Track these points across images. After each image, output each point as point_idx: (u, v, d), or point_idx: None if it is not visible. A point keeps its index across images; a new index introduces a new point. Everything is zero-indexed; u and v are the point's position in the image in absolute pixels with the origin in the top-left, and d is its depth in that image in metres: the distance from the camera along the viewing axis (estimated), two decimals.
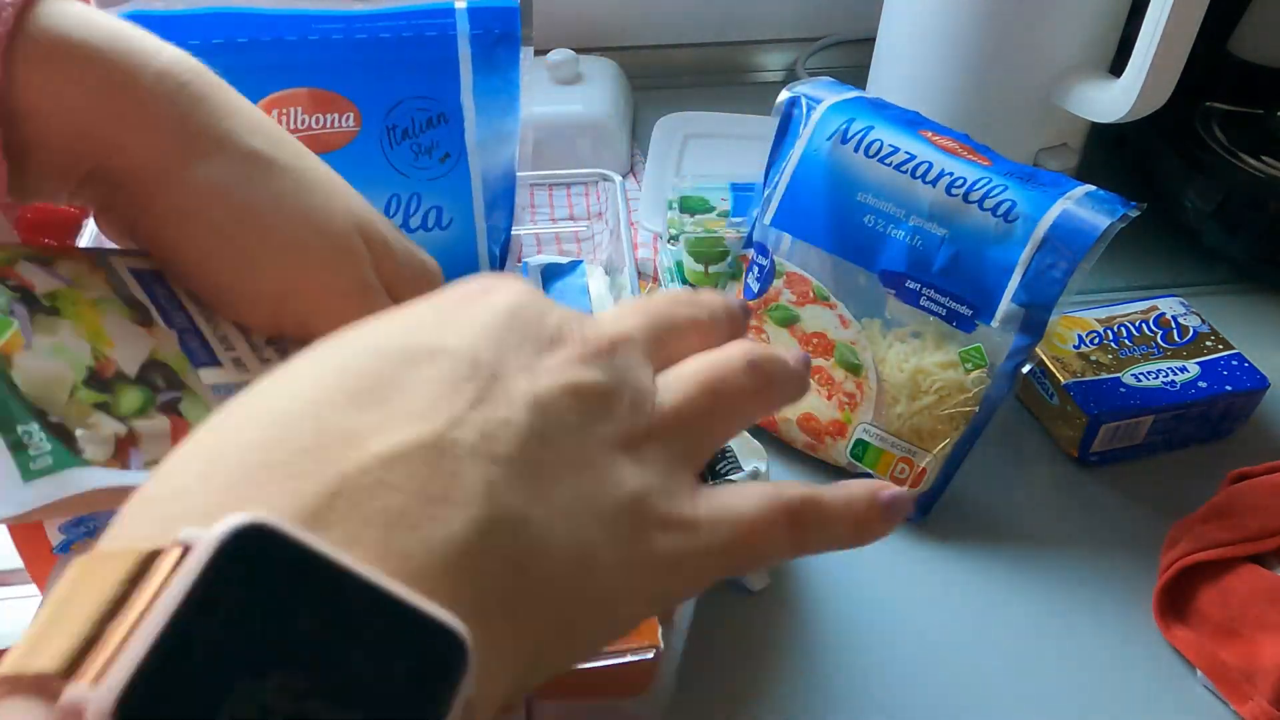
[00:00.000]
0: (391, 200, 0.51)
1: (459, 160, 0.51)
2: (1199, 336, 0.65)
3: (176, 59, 0.35)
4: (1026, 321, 0.54)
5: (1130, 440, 0.62)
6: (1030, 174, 0.56)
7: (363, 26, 0.49)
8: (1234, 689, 0.51)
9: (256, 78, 0.48)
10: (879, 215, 0.57)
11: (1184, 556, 0.53)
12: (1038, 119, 0.74)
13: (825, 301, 0.59)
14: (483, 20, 0.50)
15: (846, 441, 0.59)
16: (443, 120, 0.50)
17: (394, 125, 0.50)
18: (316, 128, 0.49)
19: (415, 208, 0.52)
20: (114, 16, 0.34)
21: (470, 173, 0.52)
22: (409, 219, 0.52)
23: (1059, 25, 0.70)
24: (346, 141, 0.49)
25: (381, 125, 0.50)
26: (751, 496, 0.25)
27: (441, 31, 0.49)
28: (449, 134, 0.51)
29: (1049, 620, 0.55)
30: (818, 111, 0.60)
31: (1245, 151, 0.75)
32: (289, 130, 0.48)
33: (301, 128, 0.49)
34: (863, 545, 0.27)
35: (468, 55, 0.50)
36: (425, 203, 0.52)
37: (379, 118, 0.49)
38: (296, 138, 0.49)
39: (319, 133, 0.49)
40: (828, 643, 0.53)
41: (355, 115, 0.49)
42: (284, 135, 0.37)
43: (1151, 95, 0.65)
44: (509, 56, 0.51)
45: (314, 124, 0.49)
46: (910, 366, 0.57)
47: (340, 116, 0.49)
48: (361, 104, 0.49)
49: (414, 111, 0.50)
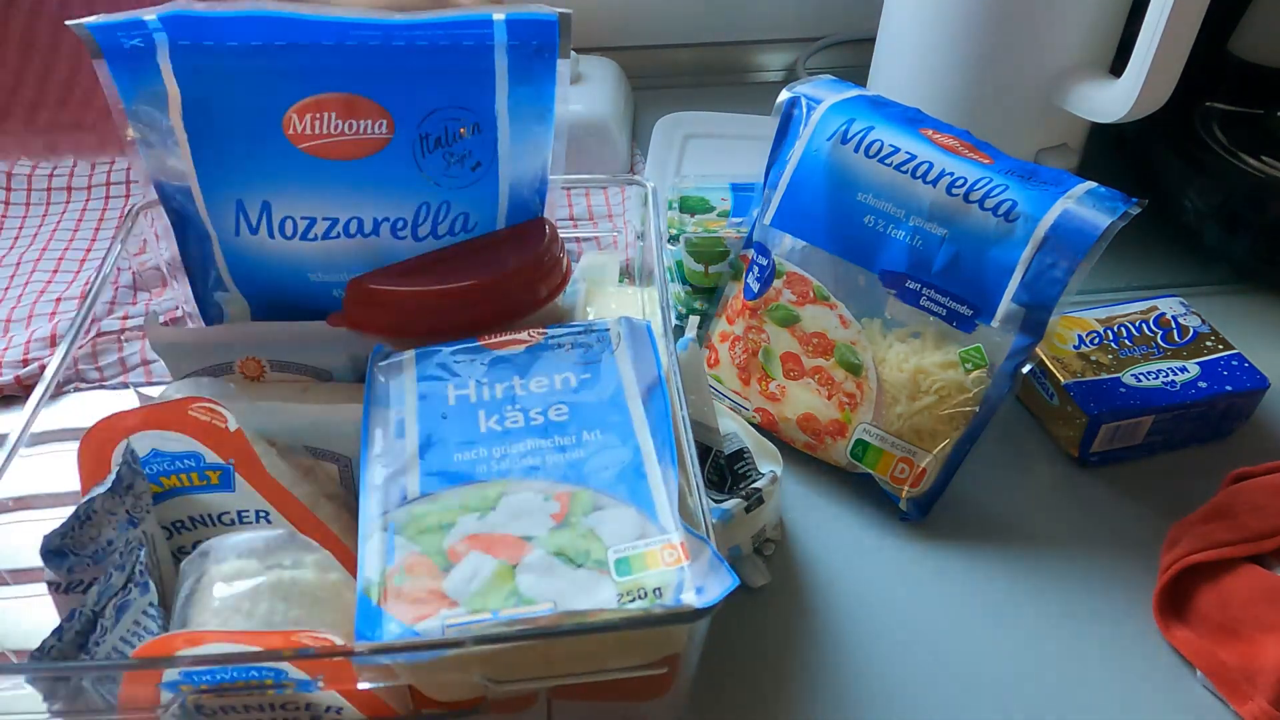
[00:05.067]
0: (421, 208, 0.51)
1: (489, 168, 0.51)
2: (1199, 336, 0.65)
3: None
4: (1026, 321, 0.54)
5: (1130, 440, 0.62)
6: (1031, 171, 0.56)
7: (400, 34, 0.48)
8: (1234, 689, 0.51)
9: (292, 81, 0.48)
10: (879, 215, 0.57)
11: (1184, 557, 0.53)
12: (1038, 119, 0.74)
13: (825, 301, 0.59)
14: (520, 32, 0.49)
15: (846, 441, 0.59)
16: (476, 130, 0.50)
17: (427, 134, 0.49)
18: (349, 134, 0.49)
19: (444, 215, 0.51)
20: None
21: (499, 179, 0.52)
22: (437, 226, 0.52)
23: (1059, 25, 0.70)
24: (379, 149, 0.49)
25: (415, 133, 0.49)
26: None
27: (479, 41, 0.49)
28: (481, 143, 0.50)
29: (1049, 620, 0.55)
30: (818, 112, 0.60)
31: (1245, 151, 0.75)
32: (321, 135, 0.48)
33: (334, 133, 0.49)
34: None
35: (504, 66, 0.49)
36: (454, 210, 0.52)
37: (412, 126, 0.49)
38: (329, 143, 0.49)
39: (351, 139, 0.49)
40: (827, 641, 0.53)
41: (389, 122, 0.49)
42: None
43: (1151, 95, 0.65)
44: (545, 69, 0.50)
45: (346, 130, 0.49)
46: (910, 366, 0.57)
47: (373, 123, 0.49)
48: (395, 111, 0.49)
49: (448, 120, 0.49)
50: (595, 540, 0.40)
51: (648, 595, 0.38)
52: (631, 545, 0.39)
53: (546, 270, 0.52)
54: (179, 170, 0.50)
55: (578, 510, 0.41)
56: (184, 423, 0.44)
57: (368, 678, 0.39)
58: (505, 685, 0.40)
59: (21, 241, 0.78)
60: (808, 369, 0.60)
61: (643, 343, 0.48)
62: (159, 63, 0.47)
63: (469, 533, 0.40)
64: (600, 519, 0.40)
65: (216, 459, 0.44)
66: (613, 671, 0.40)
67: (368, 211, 0.51)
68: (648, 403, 0.45)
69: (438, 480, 0.42)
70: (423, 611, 0.37)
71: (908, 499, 0.58)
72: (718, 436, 0.56)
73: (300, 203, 0.50)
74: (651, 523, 0.40)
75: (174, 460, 0.45)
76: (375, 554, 0.39)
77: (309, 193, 0.50)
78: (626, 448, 0.43)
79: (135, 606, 0.41)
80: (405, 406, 0.45)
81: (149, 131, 0.49)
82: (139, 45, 0.47)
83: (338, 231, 0.51)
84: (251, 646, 0.37)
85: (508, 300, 0.52)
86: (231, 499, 0.45)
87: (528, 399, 0.45)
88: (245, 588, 0.40)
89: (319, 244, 0.51)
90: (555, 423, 0.44)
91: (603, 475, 0.42)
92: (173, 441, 0.44)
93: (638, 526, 0.40)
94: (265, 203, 0.50)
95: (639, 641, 0.40)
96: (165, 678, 0.37)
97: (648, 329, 0.48)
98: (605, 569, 0.39)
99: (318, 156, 0.49)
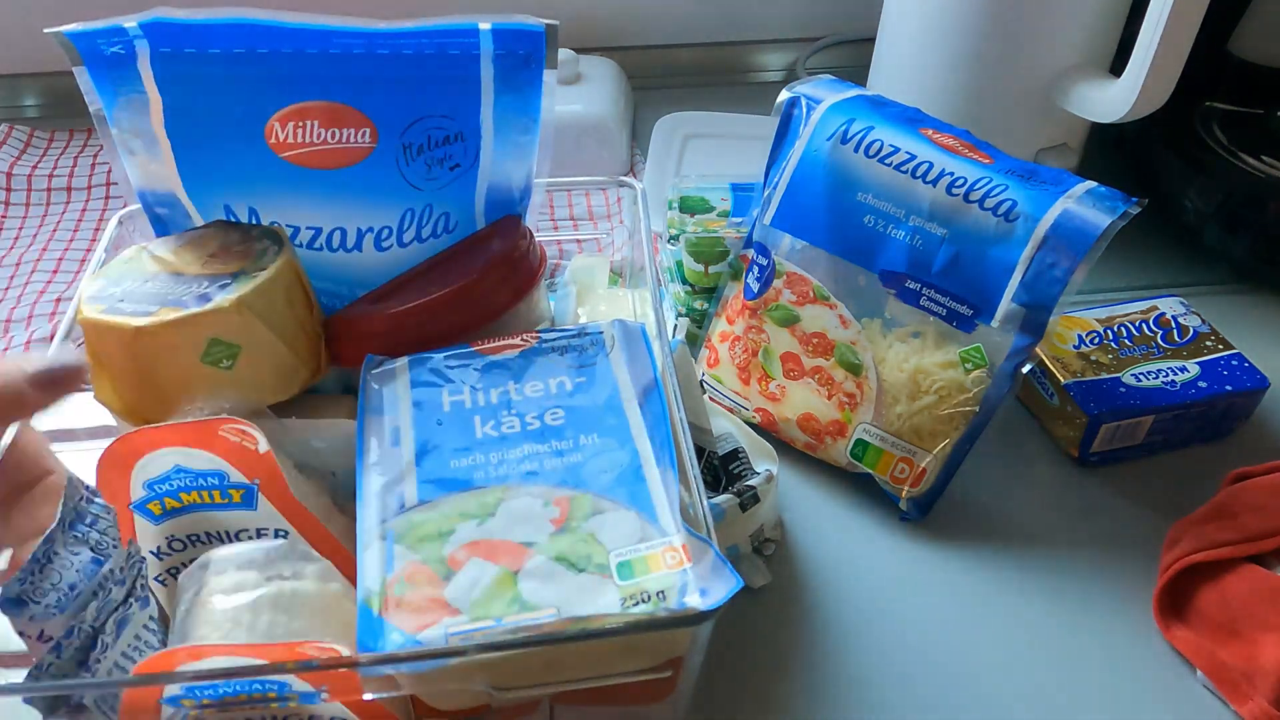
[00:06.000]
0: (406, 214, 0.51)
1: (470, 170, 0.51)
2: (1199, 336, 0.65)
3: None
4: (1026, 321, 0.54)
5: (1130, 440, 0.62)
6: (1031, 171, 0.56)
7: (385, 42, 0.48)
8: (1234, 689, 0.51)
9: (275, 89, 0.48)
10: (879, 215, 0.57)
11: (1184, 556, 0.53)
12: (1038, 119, 0.74)
13: (825, 301, 0.59)
14: (507, 42, 0.49)
15: (846, 441, 0.59)
16: (460, 139, 0.50)
17: (410, 143, 0.49)
18: (332, 142, 0.48)
19: (428, 218, 0.51)
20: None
21: (478, 182, 0.52)
22: (421, 230, 0.51)
23: (1059, 25, 0.70)
24: (362, 158, 0.49)
25: (398, 142, 0.49)
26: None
27: (465, 51, 0.48)
28: (464, 150, 0.50)
29: (1049, 620, 0.55)
30: (818, 111, 0.60)
31: (1245, 151, 0.75)
32: (303, 144, 0.48)
33: (317, 142, 0.48)
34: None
35: (490, 76, 0.49)
36: (436, 211, 0.51)
37: (396, 135, 0.49)
38: (311, 151, 0.48)
39: (334, 147, 0.48)
40: (828, 641, 0.53)
41: (372, 131, 0.48)
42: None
43: (1151, 95, 0.65)
44: (531, 79, 0.50)
45: (329, 139, 0.48)
46: (910, 366, 0.57)
47: (356, 132, 0.48)
48: (379, 120, 0.48)
49: (431, 129, 0.49)
50: (596, 545, 0.39)
51: (651, 599, 0.37)
52: (633, 549, 0.39)
53: (515, 266, 0.52)
54: (163, 176, 0.50)
55: (578, 515, 0.41)
56: (213, 443, 0.44)
57: (370, 689, 0.39)
58: (508, 693, 0.40)
59: (21, 241, 0.78)
60: (808, 369, 0.60)
61: (637, 345, 0.48)
62: (140, 70, 0.47)
63: (469, 540, 0.40)
64: (601, 523, 0.40)
65: (241, 478, 0.44)
66: (616, 676, 0.40)
67: (351, 221, 0.50)
68: (644, 405, 0.45)
69: (435, 487, 0.42)
70: (425, 620, 0.37)
71: (908, 499, 0.58)
72: (711, 437, 0.56)
73: (284, 211, 0.50)
74: (652, 525, 0.40)
75: (198, 477, 0.44)
76: (375, 563, 0.39)
77: (292, 201, 0.50)
78: (625, 451, 0.43)
79: (135, 621, 0.40)
80: (400, 413, 0.45)
81: (132, 139, 0.49)
82: (119, 52, 0.46)
83: (320, 243, 0.51)
84: (254, 659, 0.37)
85: (485, 300, 0.51)
86: (251, 517, 0.45)
87: (523, 403, 0.45)
88: (246, 600, 0.40)
89: (302, 253, 0.51)
90: (552, 427, 0.44)
91: (602, 479, 0.42)
92: (199, 459, 0.44)
93: (638, 530, 0.40)
94: (252, 209, 0.50)
95: (642, 645, 0.40)
96: (166, 693, 0.37)
97: (642, 331, 0.48)
98: (607, 573, 0.38)
99: (300, 165, 0.49)
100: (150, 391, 0.45)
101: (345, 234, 0.51)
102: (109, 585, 0.40)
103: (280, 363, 0.47)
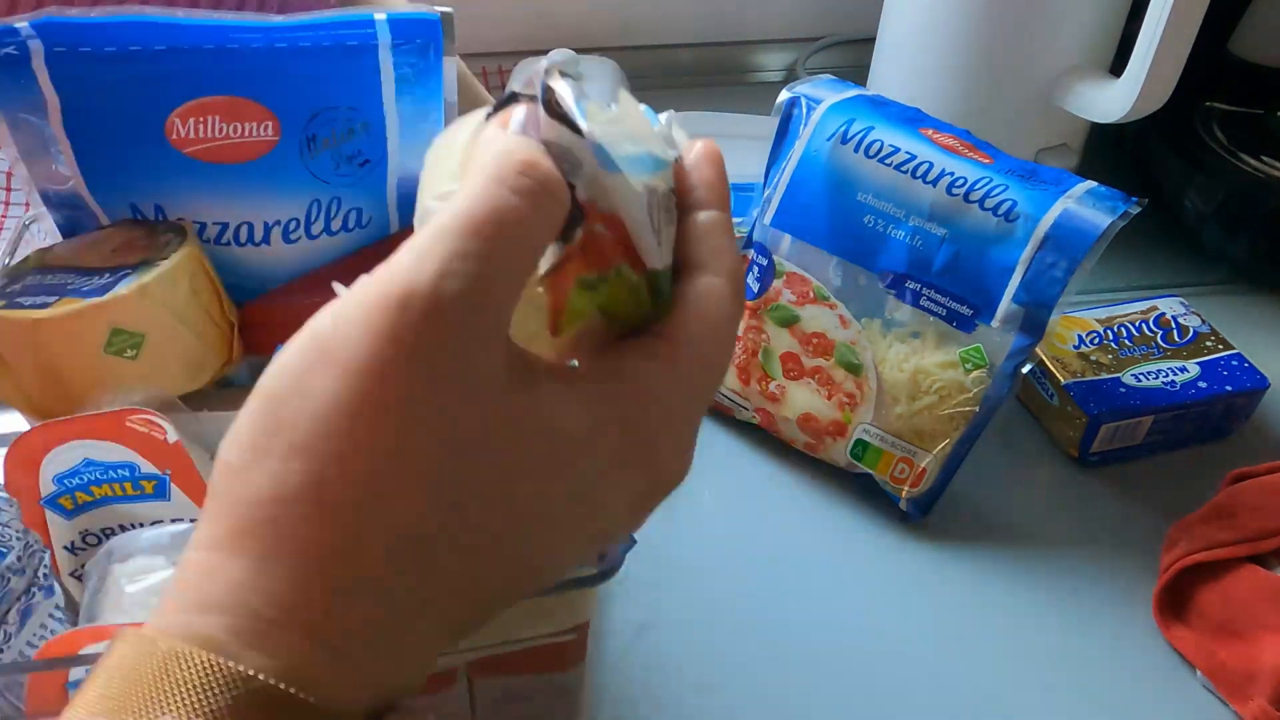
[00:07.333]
0: (312, 206, 0.51)
1: (379, 164, 0.51)
2: (1199, 336, 0.65)
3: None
4: (1027, 321, 0.54)
5: (1130, 440, 0.62)
6: (1031, 170, 0.56)
7: (282, 36, 0.48)
8: (1234, 689, 0.51)
9: (174, 86, 0.47)
10: (879, 215, 0.57)
11: (1184, 557, 0.53)
12: (1038, 119, 0.74)
13: (825, 301, 0.59)
14: (404, 31, 0.49)
15: (846, 441, 0.59)
16: (365, 129, 0.50)
17: (314, 135, 0.49)
18: (234, 137, 0.48)
19: (336, 210, 0.51)
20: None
21: (388, 175, 0.52)
22: (330, 222, 0.51)
23: (1059, 25, 0.70)
24: (265, 151, 0.49)
25: (301, 135, 0.49)
26: None
27: (362, 41, 0.49)
28: (370, 142, 0.50)
29: (1049, 620, 0.55)
30: (818, 112, 0.60)
31: (1245, 151, 0.75)
32: (205, 139, 0.48)
33: (219, 136, 0.48)
34: None
35: (389, 65, 0.49)
36: (345, 205, 0.51)
37: (298, 127, 0.49)
38: (213, 147, 0.48)
39: (236, 142, 0.48)
40: (828, 641, 0.53)
41: (274, 124, 0.48)
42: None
43: (1151, 95, 0.65)
44: (431, 66, 0.50)
45: (231, 133, 0.48)
46: (910, 367, 0.57)
47: (258, 126, 0.48)
48: (280, 113, 0.48)
49: (334, 121, 0.49)
50: None
51: None
52: None
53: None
54: (65, 177, 0.49)
55: None
56: (121, 434, 0.43)
57: None
58: None
59: None
60: (808, 369, 0.60)
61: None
62: (35, 70, 0.46)
63: None
64: None
65: (153, 469, 0.44)
66: (525, 641, 0.41)
67: (258, 214, 0.50)
68: None
69: None
70: None
71: (908, 499, 0.58)
72: None
73: (190, 208, 0.50)
74: None
75: (108, 469, 0.44)
76: None
77: (197, 197, 0.50)
78: None
79: (41, 610, 0.40)
80: None
81: (31, 140, 0.48)
82: (13, 53, 0.46)
83: (228, 238, 0.50)
84: None
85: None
86: (165, 508, 0.44)
87: None
88: (153, 581, 0.40)
89: (211, 249, 0.51)
90: None
91: None
92: (108, 451, 0.43)
93: None
94: (158, 207, 0.50)
95: (548, 609, 0.40)
96: (73, 677, 0.36)
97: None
98: None
99: (203, 160, 0.49)
100: (55, 386, 0.45)
101: (253, 228, 0.50)
102: (8, 576, 0.40)
103: (187, 352, 0.47)
